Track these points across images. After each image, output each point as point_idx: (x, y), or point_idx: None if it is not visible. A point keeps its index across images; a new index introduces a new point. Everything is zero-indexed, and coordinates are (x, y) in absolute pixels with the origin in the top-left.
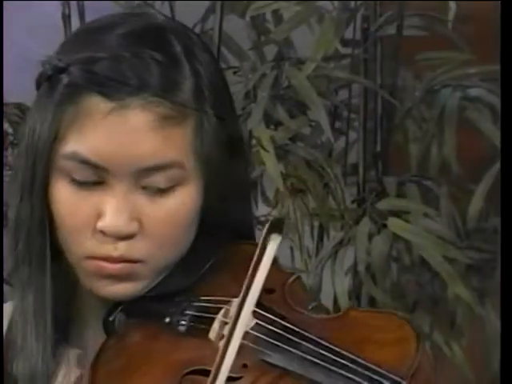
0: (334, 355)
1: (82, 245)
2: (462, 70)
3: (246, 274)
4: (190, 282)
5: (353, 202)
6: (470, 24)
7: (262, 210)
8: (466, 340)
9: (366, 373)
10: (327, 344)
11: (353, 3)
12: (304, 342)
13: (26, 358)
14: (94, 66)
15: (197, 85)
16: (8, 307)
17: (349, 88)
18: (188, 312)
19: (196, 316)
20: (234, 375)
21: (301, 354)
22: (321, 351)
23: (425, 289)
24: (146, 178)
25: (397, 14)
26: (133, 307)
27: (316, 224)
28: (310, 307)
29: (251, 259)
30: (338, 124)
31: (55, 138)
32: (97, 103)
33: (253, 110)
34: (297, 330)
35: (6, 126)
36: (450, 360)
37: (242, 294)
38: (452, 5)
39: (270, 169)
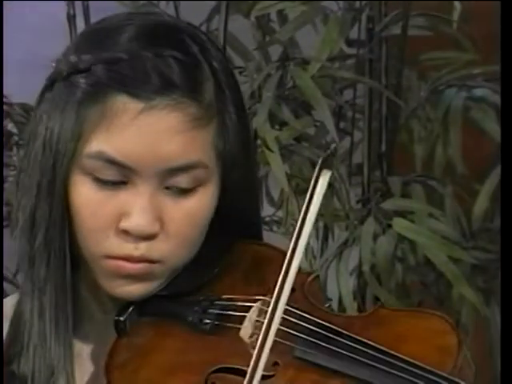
0: (373, 351)
1: (102, 244)
2: (466, 70)
3: (256, 273)
4: (203, 281)
5: (358, 202)
6: (475, 24)
7: (266, 210)
8: (470, 340)
9: (414, 370)
10: (364, 340)
11: (358, 3)
12: (338, 337)
13: (43, 357)
14: (118, 65)
15: (217, 84)
16: (9, 302)
17: (354, 88)
18: (212, 311)
19: (221, 314)
20: (265, 373)
21: (336, 349)
22: (358, 346)
23: (430, 289)
24: (171, 179)
25: (402, 14)
26: (144, 306)
27: (321, 224)
28: (326, 305)
29: (260, 258)
30: (342, 124)
31: (79, 137)
32: (124, 103)
33: (258, 110)
34: (332, 326)
35: (10, 126)
36: None
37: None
38: (457, 5)
39: (275, 169)
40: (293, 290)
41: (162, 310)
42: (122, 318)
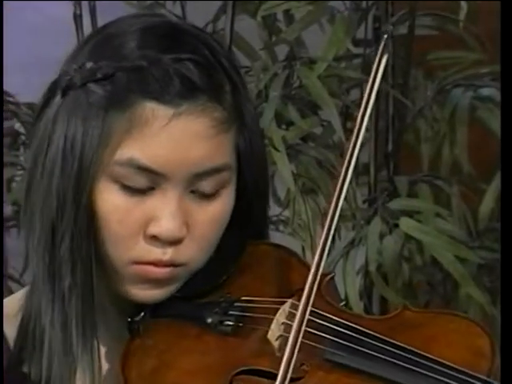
0: (403, 352)
1: (129, 250)
2: (473, 69)
3: (270, 273)
4: (218, 282)
5: (364, 201)
6: (482, 24)
7: (273, 209)
8: None
9: (451, 372)
10: (394, 341)
11: (364, 3)
12: (370, 340)
13: (67, 364)
14: (140, 73)
15: (233, 85)
16: (16, 300)
17: (360, 88)
18: (232, 312)
19: (243, 316)
20: (294, 376)
21: (366, 350)
22: (388, 347)
23: (436, 289)
24: (197, 183)
25: (408, 13)
26: (158, 308)
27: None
28: (341, 305)
29: (272, 258)
30: (349, 124)
31: (107, 145)
32: (153, 110)
33: (264, 110)
34: (358, 327)
35: (17, 125)
36: None
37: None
38: (463, 4)
39: (282, 169)
40: None
41: (177, 311)
42: (136, 319)
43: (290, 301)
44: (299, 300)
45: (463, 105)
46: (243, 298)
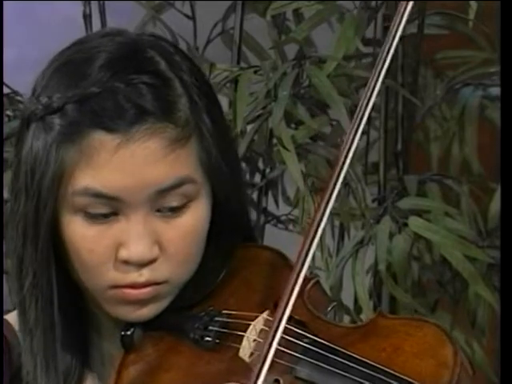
0: (368, 369)
1: (104, 276)
2: (482, 68)
3: (257, 278)
4: (205, 292)
5: (373, 200)
6: (491, 23)
7: (282, 209)
8: (486, 339)
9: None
10: (359, 357)
11: (374, 2)
12: (335, 357)
13: None
14: (89, 102)
15: (190, 98)
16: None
17: None
18: (212, 328)
19: (220, 332)
20: None
21: (334, 369)
22: (353, 365)
23: (446, 288)
24: (160, 201)
25: (418, 12)
26: (150, 321)
27: (337, 223)
28: (329, 308)
29: (260, 262)
30: None
31: (61, 178)
32: (102, 139)
33: (273, 109)
34: (326, 343)
35: None
36: (471, 359)
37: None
38: (473, 4)
39: (291, 168)
40: None
41: (167, 324)
42: (128, 333)
43: (261, 316)
44: (275, 311)
45: (472, 104)
46: (223, 312)
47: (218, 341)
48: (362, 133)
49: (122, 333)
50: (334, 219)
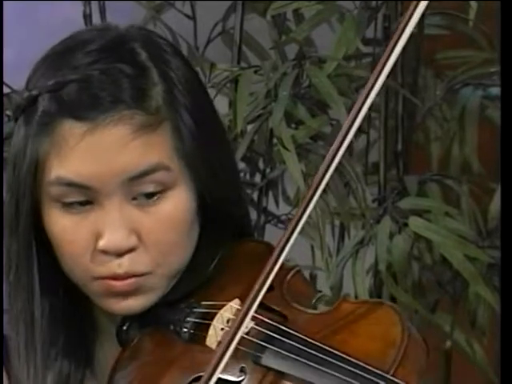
0: (319, 353)
1: (86, 267)
2: (483, 68)
3: (247, 272)
4: (196, 286)
5: (374, 201)
6: (491, 23)
7: (282, 208)
8: (487, 339)
9: (351, 369)
10: (314, 342)
11: (374, 2)
12: (292, 342)
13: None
14: (63, 92)
15: (167, 88)
16: None
17: None
18: (189, 319)
19: (196, 323)
20: (234, 379)
21: (289, 354)
22: (310, 351)
23: (446, 288)
24: (135, 188)
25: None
26: (144, 316)
27: (337, 223)
28: (313, 300)
29: (251, 256)
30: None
31: (36, 169)
32: (70, 127)
33: (274, 109)
34: (287, 330)
35: None
36: (471, 359)
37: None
38: (473, 4)
39: (291, 168)
40: (271, 287)
41: (159, 319)
42: (124, 328)
43: (229, 305)
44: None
45: (473, 104)
46: (203, 304)
47: (192, 331)
48: (363, 133)
49: (118, 328)
50: (334, 219)
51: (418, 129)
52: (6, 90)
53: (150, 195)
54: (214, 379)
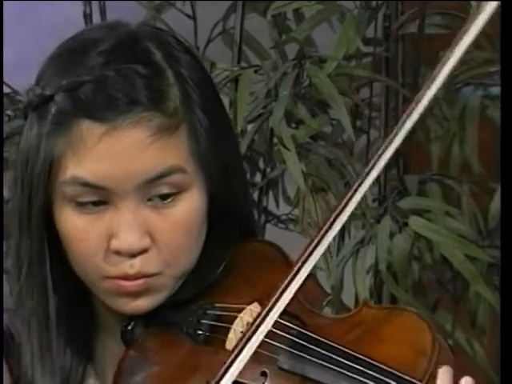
0: (348, 360)
1: (97, 267)
2: (483, 68)
3: (256, 272)
4: (204, 287)
5: (374, 200)
6: (492, 22)
7: (283, 208)
8: (487, 339)
9: (383, 377)
10: (342, 348)
11: (374, 2)
12: (318, 349)
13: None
14: (79, 91)
15: (183, 89)
16: None
17: (370, 86)
18: (204, 321)
19: (212, 325)
20: (254, 383)
21: (316, 360)
22: (335, 357)
23: (446, 287)
24: (150, 190)
25: (418, 12)
26: (150, 316)
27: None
28: (324, 303)
29: (259, 257)
30: (359, 122)
31: (51, 168)
32: (88, 128)
33: (274, 109)
34: (312, 335)
35: None
36: (472, 359)
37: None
38: (473, 3)
39: (291, 167)
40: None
41: (165, 319)
42: (129, 328)
43: (248, 308)
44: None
45: (473, 103)
46: (216, 305)
47: (208, 334)
48: (363, 132)
49: (123, 328)
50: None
51: (418, 128)
52: (6, 89)
53: (164, 197)
54: (225, 381)
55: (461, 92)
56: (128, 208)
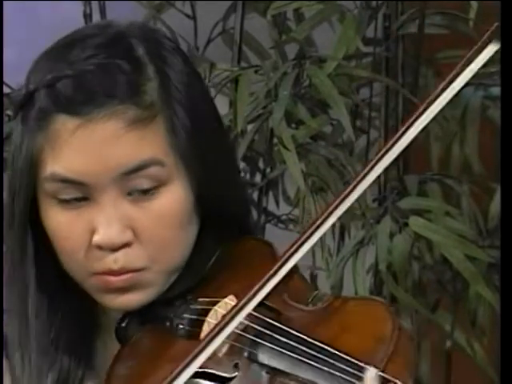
0: (313, 350)
1: (83, 263)
2: (484, 68)
3: (245, 268)
4: (194, 283)
5: (374, 200)
6: (492, 22)
7: (283, 208)
8: (487, 339)
9: (340, 364)
10: (308, 339)
11: (374, 2)
12: (287, 340)
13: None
14: (57, 87)
15: (163, 84)
16: None
17: (370, 86)
18: (185, 315)
19: (191, 319)
20: (227, 375)
21: (283, 351)
22: (301, 347)
23: (446, 288)
24: (129, 183)
25: (418, 12)
26: (143, 312)
27: (337, 223)
28: (310, 299)
29: (251, 254)
30: (359, 122)
31: (31, 165)
32: (64, 122)
33: (274, 109)
34: (281, 326)
35: None
36: (472, 359)
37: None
38: (473, 3)
39: (291, 167)
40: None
41: (157, 315)
42: (122, 325)
43: (223, 301)
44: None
45: (474, 104)
46: (200, 300)
47: (188, 328)
48: (363, 132)
49: (117, 325)
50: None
51: None
52: (6, 89)
53: (145, 191)
54: (187, 372)
55: (461, 92)
56: (108, 202)
